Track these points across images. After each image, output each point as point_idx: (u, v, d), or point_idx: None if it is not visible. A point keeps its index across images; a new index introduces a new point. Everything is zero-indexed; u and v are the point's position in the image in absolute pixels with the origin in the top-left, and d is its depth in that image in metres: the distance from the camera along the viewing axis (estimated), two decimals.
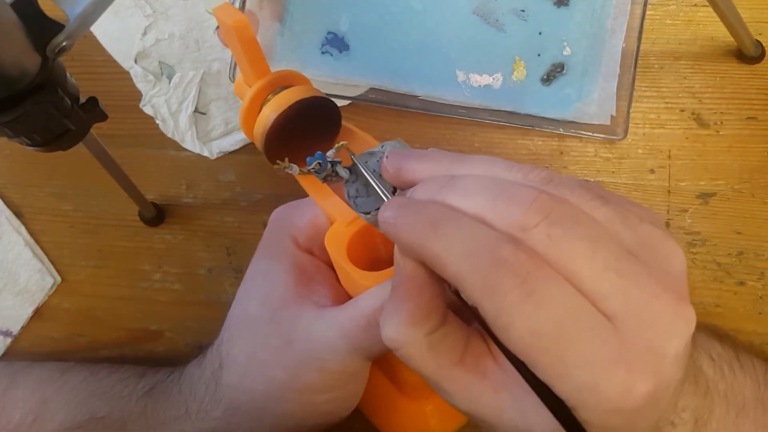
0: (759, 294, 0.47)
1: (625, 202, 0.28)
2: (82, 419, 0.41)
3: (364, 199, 0.33)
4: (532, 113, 0.48)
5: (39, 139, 0.35)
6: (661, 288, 0.27)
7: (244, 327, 0.39)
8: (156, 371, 0.43)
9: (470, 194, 0.28)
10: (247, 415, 0.38)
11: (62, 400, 0.42)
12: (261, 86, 0.35)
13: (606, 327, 0.26)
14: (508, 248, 0.26)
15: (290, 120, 0.34)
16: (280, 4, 0.50)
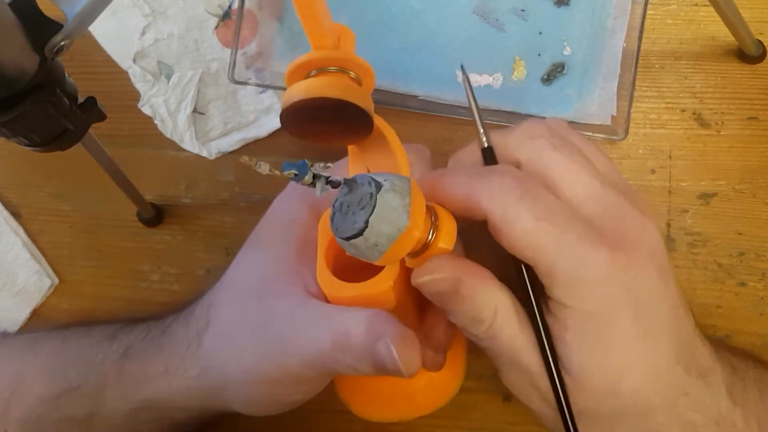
0: (760, 295, 0.47)
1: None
2: (59, 389, 0.40)
3: (342, 220, 0.32)
4: (533, 113, 0.48)
5: (37, 139, 0.34)
6: (631, 205, 0.34)
7: (236, 293, 0.38)
8: (130, 330, 0.42)
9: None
10: (216, 384, 0.38)
11: (37, 372, 0.41)
12: (306, 60, 0.33)
13: (587, 221, 0.32)
14: (504, 165, 0.34)
15: (310, 109, 0.33)
16: (280, 4, 0.50)
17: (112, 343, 0.41)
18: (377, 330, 0.32)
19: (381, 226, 0.31)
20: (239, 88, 0.51)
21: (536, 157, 0.34)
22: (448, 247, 0.34)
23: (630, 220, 0.34)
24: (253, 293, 0.37)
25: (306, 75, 0.33)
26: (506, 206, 0.32)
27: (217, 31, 0.51)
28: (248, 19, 0.49)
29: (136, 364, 0.40)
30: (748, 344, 0.46)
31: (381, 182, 0.31)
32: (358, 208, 0.31)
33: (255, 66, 0.49)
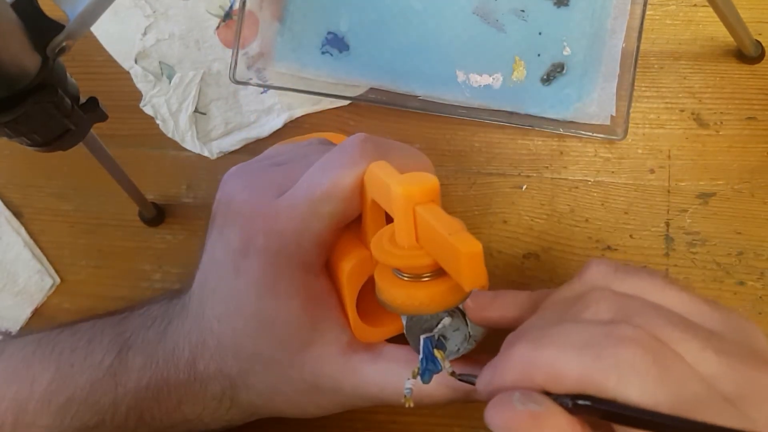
0: (759, 294, 0.47)
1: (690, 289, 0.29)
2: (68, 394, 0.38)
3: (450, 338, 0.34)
4: (532, 113, 0.48)
5: (39, 139, 0.35)
6: (754, 361, 0.26)
7: (260, 365, 0.36)
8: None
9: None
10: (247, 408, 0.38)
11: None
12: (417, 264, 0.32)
13: (729, 407, 0.25)
14: (627, 326, 0.26)
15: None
16: (280, 4, 0.50)
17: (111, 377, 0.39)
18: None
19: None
20: (240, 88, 0.51)
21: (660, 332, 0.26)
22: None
23: (762, 386, 0.26)
24: (289, 367, 0.36)
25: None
26: (642, 392, 0.24)
27: (219, 31, 0.51)
28: (249, 20, 0.50)
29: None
30: None
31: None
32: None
33: (256, 66, 0.50)
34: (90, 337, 0.39)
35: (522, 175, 0.49)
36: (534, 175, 0.49)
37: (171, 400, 0.37)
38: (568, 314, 0.28)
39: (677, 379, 0.25)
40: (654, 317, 0.27)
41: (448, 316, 0.34)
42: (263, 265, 0.35)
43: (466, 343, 0.34)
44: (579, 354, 0.25)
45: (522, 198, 0.49)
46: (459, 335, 0.34)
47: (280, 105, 0.50)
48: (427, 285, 0.31)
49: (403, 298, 0.32)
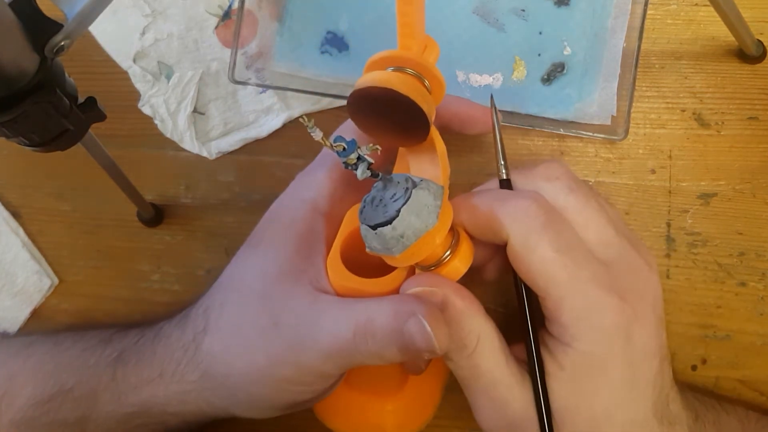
0: (760, 295, 0.47)
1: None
2: (51, 392, 0.40)
3: (372, 211, 0.33)
4: (533, 113, 0.48)
5: (37, 139, 0.34)
6: (639, 254, 0.35)
7: (236, 296, 0.38)
8: (123, 335, 0.42)
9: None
10: (222, 387, 0.37)
11: (29, 373, 0.41)
12: (388, 56, 0.34)
13: (602, 265, 0.34)
14: (530, 191, 0.35)
15: (378, 99, 0.33)
16: (280, 4, 0.50)
17: (105, 347, 0.41)
18: (405, 310, 0.32)
19: (411, 218, 0.32)
20: (239, 88, 0.51)
21: (552, 198, 0.35)
22: (462, 267, 0.35)
23: (638, 272, 0.35)
24: (256, 294, 0.37)
25: (384, 69, 0.35)
26: (529, 231, 0.33)
27: (217, 31, 0.51)
28: (248, 19, 0.49)
29: (130, 368, 0.39)
30: (748, 344, 0.46)
31: (417, 182, 0.33)
32: (390, 201, 0.33)
33: (255, 66, 0.49)
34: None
35: None
36: None
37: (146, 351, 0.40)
38: (523, 168, 0.37)
39: (559, 228, 0.33)
40: (586, 190, 0.36)
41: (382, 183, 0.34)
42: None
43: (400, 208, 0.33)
44: (490, 202, 0.34)
45: None
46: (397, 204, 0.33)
47: (279, 105, 0.50)
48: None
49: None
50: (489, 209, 0.34)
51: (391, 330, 0.32)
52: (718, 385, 0.46)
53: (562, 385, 0.34)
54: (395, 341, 0.32)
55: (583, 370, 0.33)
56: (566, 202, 0.35)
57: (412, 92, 0.32)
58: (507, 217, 0.33)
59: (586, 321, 0.33)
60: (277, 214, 0.40)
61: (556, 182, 0.35)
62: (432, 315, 0.32)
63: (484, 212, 0.34)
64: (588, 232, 0.34)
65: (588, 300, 0.33)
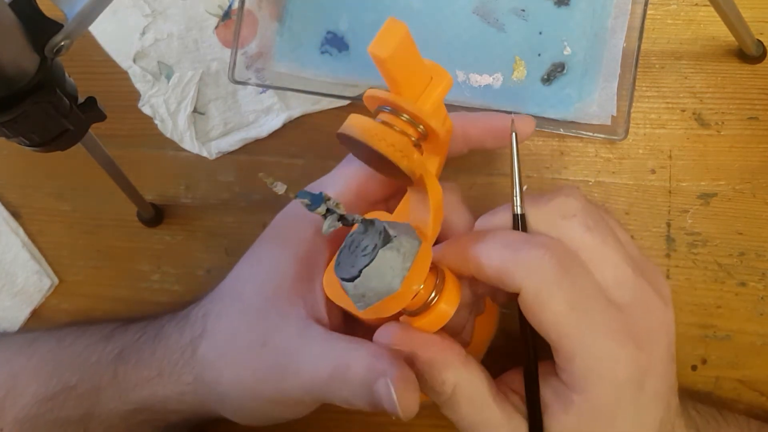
0: (760, 295, 0.47)
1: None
2: (54, 389, 0.40)
3: (346, 258, 0.32)
4: (533, 113, 0.48)
5: (37, 139, 0.34)
6: (657, 292, 0.34)
7: (234, 306, 0.38)
8: (124, 330, 0.42)
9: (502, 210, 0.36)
10: (213, 393, 0.38)
11: (32, 371, 0.41)
12: (382, 98, 0.33)
13: (617, 310, 0.32)
14: (542, 236, 0.33)
15: (357, 142, 0.32)
16: (280, 4, 0.50)
17: (107, 344, 0.41)
18: (378, 368, 0.32)
19: (372, 281, 0.31)
20: (239, 88, 0.51)
21: (569, 237, 0.33)
22: (450, 309, 0.33)
23: (654, 311, 0.34)
24: (251, 310, 0.37)
25: (377, 107, 0.33)
26: (541, 285, 0.31)
27: (217, 31, 0.51)
28: (248, 19, 0.49)
29: (131, 366, 0.40)
30: (748, 344, 0.46)
31: (391, 236, 0.31)
32: (360, 254, 0.31)
33: (255, 66, 0.49)
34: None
35: (522, 176, 0.49)
36: (534, 175, 0.49)
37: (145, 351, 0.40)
38: (538, 201, 0.35)
39: (573, 279, 0.32)
40: (603, 227, 0.34)
41: (363, 229, 0.33)
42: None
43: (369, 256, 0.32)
44: (501, 250, 0.33)
45: None
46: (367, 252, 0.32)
47: (279, 105, 0.50)
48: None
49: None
50: (500, 261, 0.32)
51: (362, 383, 0.32)
52: (718, 385, 0.46)
53: (564, 429, 0.33)
54: (365, 395, 0.32)
55: (590, 417, 0.32)
56: (583, 242, 0.33)
57: (388, 148, 0.31)
58: (519, 270, 0.32)
59: (598, 373, 0.32)
60: (283, 230, 0.40)
61: (573, 220, 0.34)
62: (402, 379, 0.31)
63: (495, 264, 0.33)
64: (604, 272, 0.33)
65: (601, 353, 0.32)
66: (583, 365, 0.32)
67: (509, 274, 0.32)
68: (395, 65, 0.30)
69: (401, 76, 0.31)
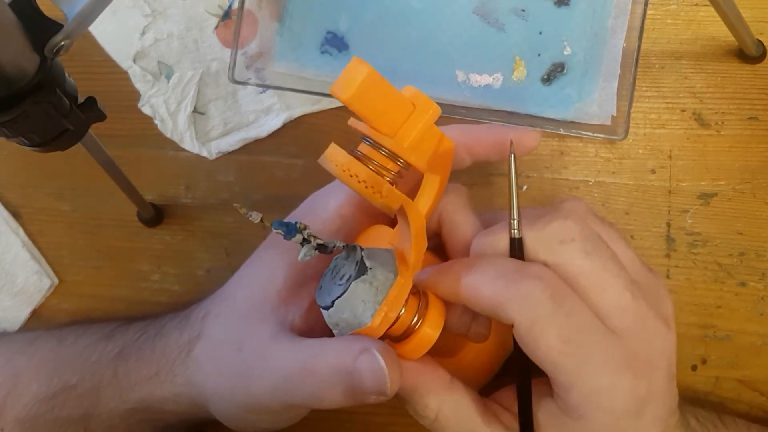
0: (760, 295, 0.47)
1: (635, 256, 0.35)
2: (55, 389, 0.40)
3: (328, 283, 0.32)
4: (533, 113, 0.48)
5: (37, 139, 0.34)
6: (658, 316, 0.33)
7: (227, 310, 0.38)
8: (126, 329, 0.42)
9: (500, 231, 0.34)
10: (200, 395, 0.38)
11: (33, 371, 0.41)
12: (361, 130, 0.32)
13: (615, 339, 0.31)
14: (537, 266, 0.32)
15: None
16: (280, 4, 0.50)
17: (107, 342, 0.41)
18: (356, 347, 0.31)
19: (344, 312, 0.31)
20: (239, 88, 0.51)
21: (566, 263, 0.32)
22: (434, 333, 0.33)
23: (655, 335, 0.33)
24: (238, 314, 0.37)
25: (360, 136, 0.32)
26: (535, 319, 0.31)
27: (217, 31, 0.51)
28: (248, 19, 0.49)
29: (131, 365, 0.40)
30: (748, 344, 0.46)
31: (367, 267, 0.31)
32: (337, 284, 0.31)
33: (255, 66, 0.49)
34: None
35: (522, 176, 0.49)
36: (534, 175, 0.49)
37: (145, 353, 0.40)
38: (536, 223, 0.33)
39: (568, 312, 0.31)
40: (604, 250, 0.33)
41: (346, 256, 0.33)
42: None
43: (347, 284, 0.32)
44: (493, 281, 0.31)
45: (522, 198, 0.48)
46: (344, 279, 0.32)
47: (279, 105, 0.50)
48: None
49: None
50: (492, 293, 0.31)
51: (336, 368, 0.31)
52: (718, 385, 0.46)
53: None
54: (338, 382, 0.31)
55: None
56: (581, 268, 0.32)
57: (358, 185, 0.30)
58: (512, 304, 0.31)
59: (595, 404, 0.31)
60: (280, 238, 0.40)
61: (571, 245, 0.32)
62: (386, 350, 0.31)
63: (488, 295, 0.32)
64: (603, 298, 0.32)
65: (598, 385, 0.31)
66: (580, 396, 0.31)
67: (502, 307, 0.31)
68: (361, 105, 0.29)
69: (372, 114, 0.30)
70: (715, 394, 0.46)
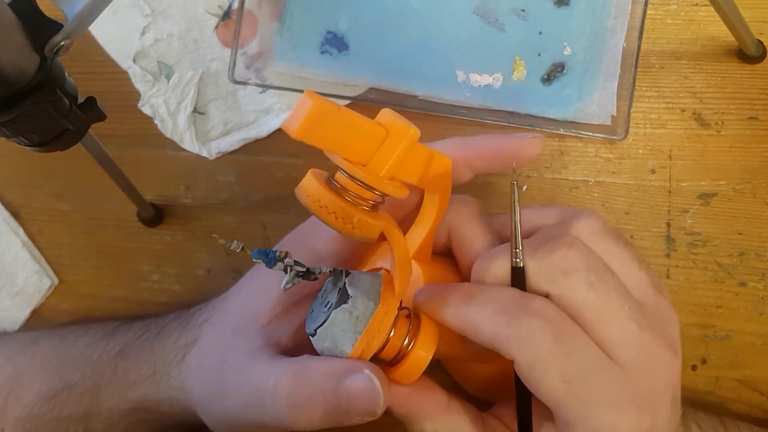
0: (760, 295, 0.47)
1: (649, 267, 0.34)
2: (56, 388, 0.40)
3: (317, 312, 0.32)
4: (533, 113, 0.48)
5: (37, 139, 0.34)
6: (664, 343, 0.32)
7: (222, 321, 0.38)
8: (128, 328, 0.42)
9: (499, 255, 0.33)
10: (189, 402, 0.38)
11: (35, 370, 0.42)
12: (337, 161, 0.31)
13: (619, 372, 0.31)
14: (539, 301, 0.31)
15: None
16: (280, 4, 0.50)
17: (109, 341, 0.41)
18: (345, 367, 0.31)
19: (326, 341, 0.31)
20: (239, 88, 0.51)
21: (569, 295, 0.31)
22: (426, 355, 0.32)
23: (660, 366, 0.32)
24: (230, 325, 0.37)
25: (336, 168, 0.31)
26: (536, 359, 0.30)
27: (217, 31, 0.51)
28: (248, 19, 0.49)
29: (131, 362, 0.40)
30: (748, 344, 0.46)
31: (348, 296, 0.31)
32: (323, 309, 0.31)
33: (255, 66, 0.49)
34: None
35: (522, 176, 0.49)
36: (534, 175, 0.49)
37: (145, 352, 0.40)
38: (538, 251, 0.32)
39: (570, 350, 0.30)
40: (609, 281, 0.32)
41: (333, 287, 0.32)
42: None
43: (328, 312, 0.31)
44: (493, 317, 0.31)
45: (522, 198, 0.48)
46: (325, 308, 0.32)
47: (280, 105, 0.50)
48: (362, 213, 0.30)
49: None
50: (493, 329, 0.31)
51: (319, 388, 0.31)
52: (718, 385, 0.46)
53: None
54: (322, 401, 0.31)
55: None
56: (585, 300, 0.31)
57: (328, 216, 0.29)
58: (512, 342, 0.30)
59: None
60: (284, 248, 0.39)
61: (574, 276, 0.31)
62: (378, 371, 0.31)
63: (488, 331, 0.31)
64: (607, 330, 0.31)
65: (601, 423, 0.30)
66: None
67: (502, 344, 0.31)
68: (314, 137, 0.29)
69: (333, 145, 0.30)
70: (715, 394, 0.46)
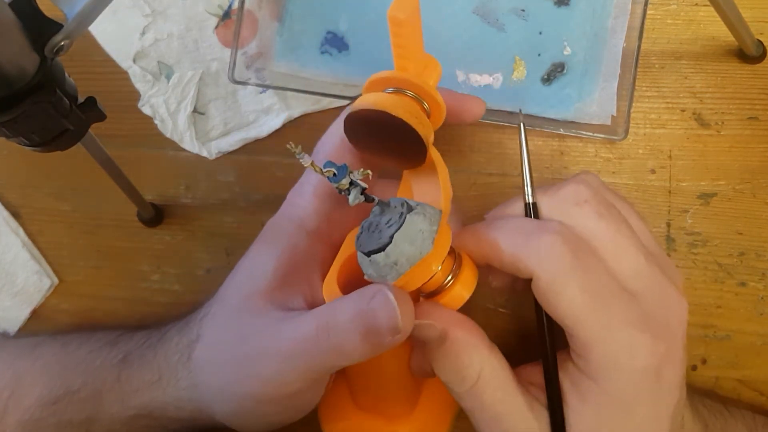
0: (760, 295, 0.47)
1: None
2: (57, 393, 0.40)
3: (368, 238, 0.32)
4: (533, 113, 0.48)
5: (37, 139, 0.34)
6: (673, 283, 0.33)
7: (221, 309, 0.38)
8: (130, 337, 0.42)
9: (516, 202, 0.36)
10: (203, 399, 0.38)
11: (36, 374, 0.41)
12: (386, 77, 0.33)
13: (633, 300, 0.32)
14: (555, 222, 0.33)
15: (374, 122, 0.32)
16: (280, 4, 0.50)
17: (111, 349, 0.41)
18: (369, 292, 0.31)
19: (404, 245, 0.31)
20: (239, 88, 0.51)
21: (581, 225, 0.33)
22: (466, 293, 0.33)
23: (670, 300, 0.33)
24: (234, 311, 0.37)
25: (382, 90, 0.33)
26: (556, 272, 0.31)
27: (217, 31, 0.51)
28: (248, 19, 0.49)
29: (134, 370, 0.40)
30: (748, 344, 0.46)
31: (413, 206, 0.32)
32: (385, 227, 0.32)
33: (255, 66, 0.49)
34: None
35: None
36: (534, 175, 0.48)
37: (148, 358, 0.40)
38: (550, 189, 0.35)
39: (585, 266, 0.31)
40: (616, 214, 0.34)
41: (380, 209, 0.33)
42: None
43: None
44: (514, 236, 0.33)
45: None
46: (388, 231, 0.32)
47: (279, 105, 0.50)
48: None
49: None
50: (513, 247, 0.32)
51: (353, 315, 0.31)
52: (718, 385, 0.46)
53: (582, 419, 0.33)
54: (357, 327, 0.31)
55: (607, 407, 0.32)
56: (596, 230, 0.33)
57: (408, 116, 0.31)
58: (532, 257, 0.32)
59: (615, 362, 0.31)
60: (269, 232, 0.39)
61: (585, 207, 0.33)
62: (398, 291, 0.31)
63: (507, 250, 0.33)
64: (618, 260, 0.33)
65: (619, 342, 0.31)
66: (601, 354, 0.31)
67: (522, 260, 0.32)
68: (409, 30, 0.31)
69: (412, 45, 0.32)
70: (720, 397, 0.46)
